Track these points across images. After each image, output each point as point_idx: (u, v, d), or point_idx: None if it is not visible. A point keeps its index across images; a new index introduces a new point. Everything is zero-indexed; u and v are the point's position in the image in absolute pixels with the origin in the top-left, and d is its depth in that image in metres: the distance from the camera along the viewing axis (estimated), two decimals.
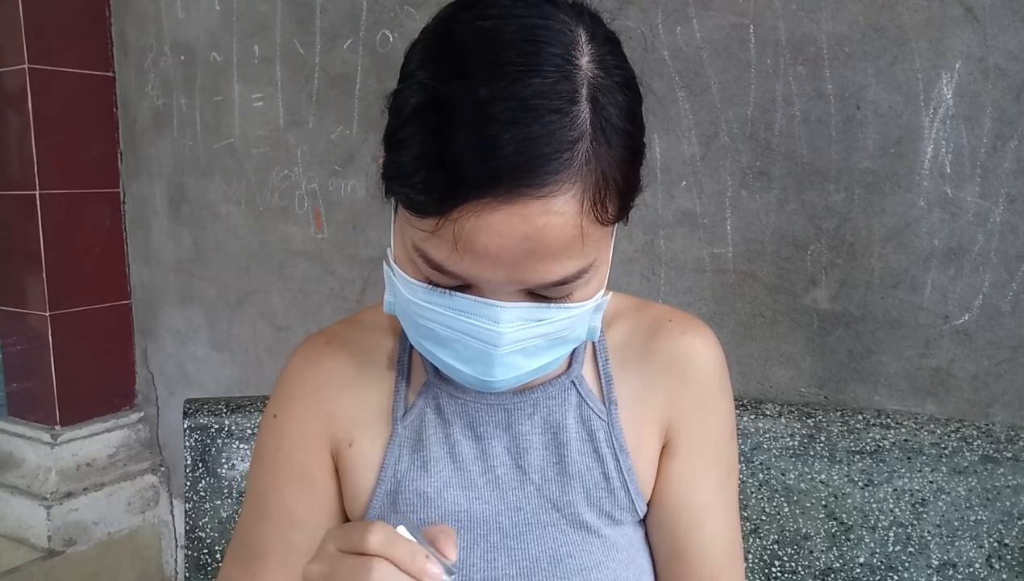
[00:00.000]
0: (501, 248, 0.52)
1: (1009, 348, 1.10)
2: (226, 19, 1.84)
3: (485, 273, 0.54)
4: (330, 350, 0.73)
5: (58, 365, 2.00)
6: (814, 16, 1.17)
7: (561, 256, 0.53)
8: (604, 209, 0.54)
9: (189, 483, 1.21)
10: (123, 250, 2.14)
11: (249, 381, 1.95)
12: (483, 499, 0.68)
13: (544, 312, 0.57)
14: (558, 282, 0.55)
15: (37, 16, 1.90)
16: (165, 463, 2.16)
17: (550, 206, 0.51)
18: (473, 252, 0.52)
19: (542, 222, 0.51)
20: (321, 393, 0.71)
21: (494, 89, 0.49)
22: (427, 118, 0.52)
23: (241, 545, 0.73)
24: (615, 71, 0.55)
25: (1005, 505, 1.00)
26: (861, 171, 1.17)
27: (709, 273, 1.31)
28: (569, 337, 0.61)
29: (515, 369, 0.59)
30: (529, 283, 0.55)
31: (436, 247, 0.54)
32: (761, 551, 1.09)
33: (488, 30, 0.52)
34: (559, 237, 0.52)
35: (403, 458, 0.69)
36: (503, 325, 0.56)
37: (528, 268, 0.53)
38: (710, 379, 0.71)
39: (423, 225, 0.53)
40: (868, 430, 1.07)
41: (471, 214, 0.51)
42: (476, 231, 0.51)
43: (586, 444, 0.69)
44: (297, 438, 0.71)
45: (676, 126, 1.30)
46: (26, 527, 1.98)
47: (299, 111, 1.76)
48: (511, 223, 0.51)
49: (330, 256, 1.76)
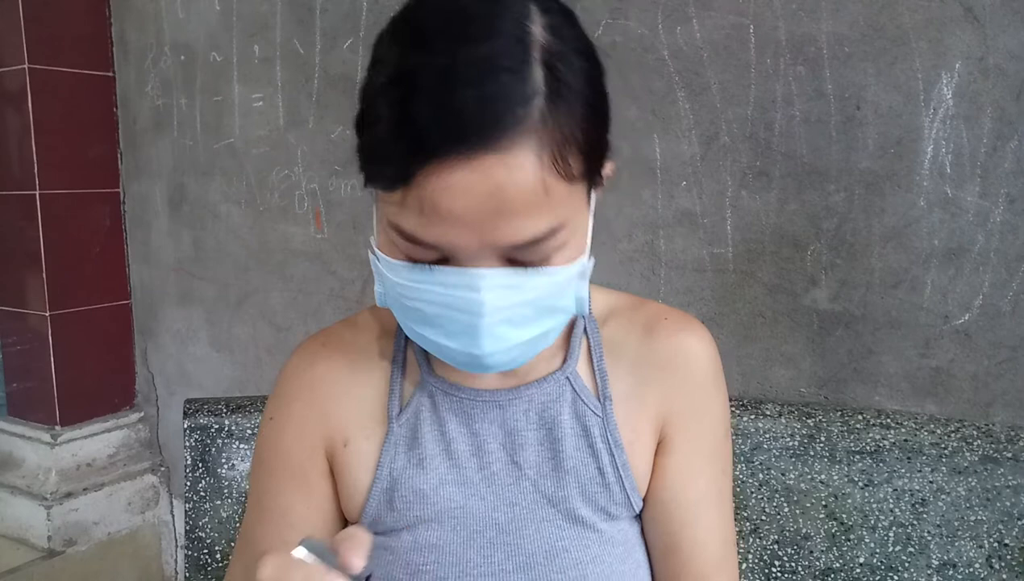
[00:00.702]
0: (466, 208, 0.53)
1: (1009, 348, 1.10)
2: (226, 19, 1.84)
3: (456, 237, 0.55)
4: (325, 351, 0.74)
5: (58, 365, 2.00)
6: (814, 16, 1.17)
7: (527, 212, 0.54)
8: (566, 164, 0.55)
9: (189, 483, 1.21)
10: (123, 250, 2.14)
11: (249, 381, 1.95)
12: (479, 495, 0.68)
13: (524, 278, 0.57)
14: (530, 241, 0.55)
15: (37, 16, 1.90)
16: (165, 463, 2.16)
17: (508, 161, 0.52)
18: (440, 215, 0.54)
19: (503, 177, 0.52)
20: (316, 394, 0.72)
21: (448, 56, 0.52)
22: (390, 92, 0.54)
23: (243, 545, 0.74)
24: (568, 39, 0.57)
25: (1005, 505, 1.00)
26: (861, 171, 1.17)
27: (709, 273, 1.31)
28: (556, 306, 0.61)
29: (504, 340, 0.59)
30: (500, 243, 0.55)
31: (406, 217, 0.55)
32: (761, 551, 1.09)
33: (446, 5, 0.55)
34: (521, 192, 0.53)
35: (399, 456, 0.69)
36: (484, 293, 0.56)
37: (496, 227, 0.54)
38: (705, 377, 0.72)
39: (393, 198, 0.56)
40: (868, 430, 1.07)
41: (433, 177, 0.52)
42: (440, 193, 0.53)
43: (581, 439, 0.69)
44: (293, 440, 0.72)
45: (676, 126, 1.30)
46: (26, 527, 1.98)
47: (299, 111, 1.76)
48: (473, 181, 0.52)
49: (330, 256, 1.76)
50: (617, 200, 1.37)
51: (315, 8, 1.69)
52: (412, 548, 0.68)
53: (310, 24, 1.71)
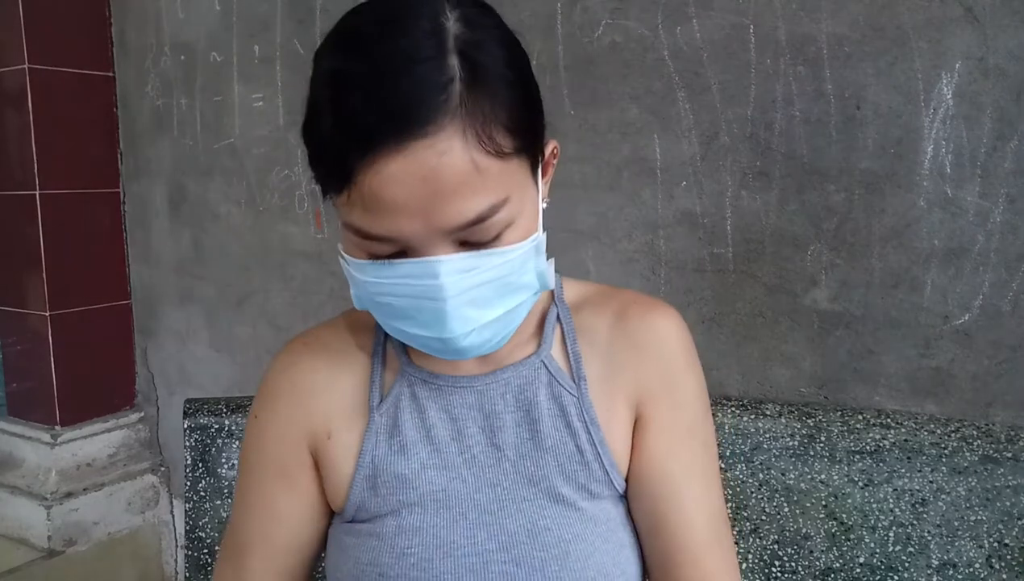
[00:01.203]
0: (405, 196, 0.57)
1: (1009, 348, 1.10)
2: (226, 19, 1.84)
3: (402, 225, 0.58)
4: (307, 351, 0.77)
5: (58, 365, 2.00)
6: (814, 16, 1.17)
7: (464, 192, 0.57)
8: (492, 141, 0.58)
9: (189, 483, 1.21)
10: (123, 250, 2.14)
11: (249, 381, 1.94)
12: (460, 478, 0.70)
13: (480, 259, 0.60)
14: (473, 220, 0.58)
15: (37, 16, 1.90)
16: (165, 463, 2.16)
17: (435, 144, 0.56)
18: (383, 207, 0.57)
19: (433, 161, 0.56)
20: (299, 392, 0.75)
21: (372, 55, 0.57)
22: (324, 96, 0.59)
23: (229, 541, 0.77)
24: (482, 28, 0.60)
25: (1005, 505, 1.00)
26: (861, 171, 1.17)
27: (709, 273, 1.31)
28: (516, 283, 0.64)
29: (470, 321, 0.62)
30: (446, 227, 0.58)
31: (355, 215, 0.59)
32: (761, 551, 1.09)
33: (370, 12, 0.60)
34: (453, 173, 0.56)
35: (380, 443, 0.71)
36: (443, 278, 0.59)
37: (439, 211, 0.57)
38: (675, 355, 0.74)
39: (341, 199, 0.59)
40: (868, 430, 1.07)
41: (370, 171, 0.56)
42: (379, 186, 0.56)
43: (558, 419, 0.71)
44: (276, 436, 0.75)
45: (676, 126, 1.30)
46: (26, 527, 1.98)
47: (299, 111, 1.74)
48: (405, 169, 0.56)
49: (330, 256, 1.76)
50: (617, 200, 1.37)
51: (315, 8, 1.69)
52: (397, 532, 0.69)
53: (310, 24, 1.71)
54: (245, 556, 0.74)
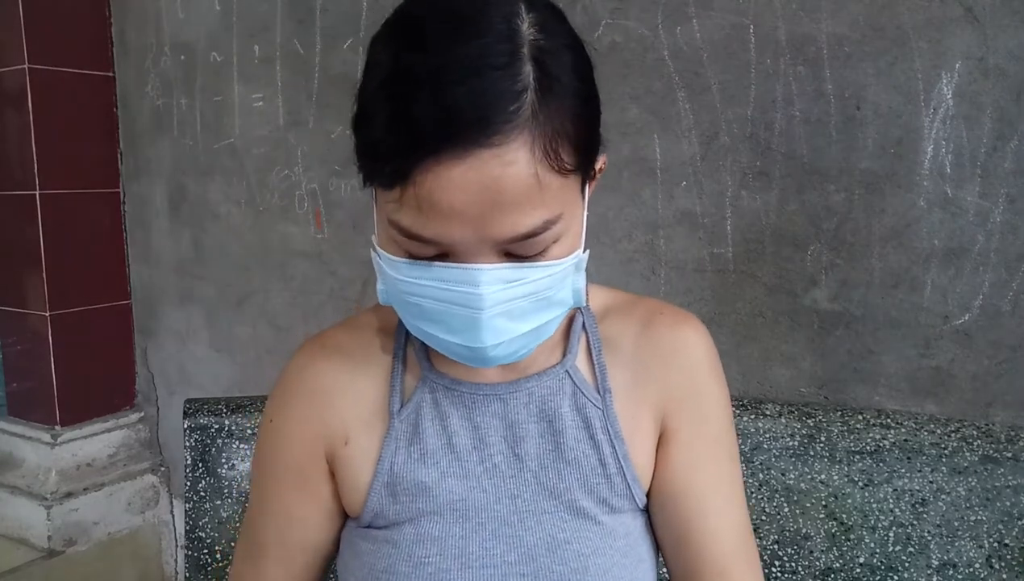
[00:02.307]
0: (463, 203, 0.54)
1: (1009, 348, 1.10)
2: (226, 19, 1.84)
3: (454, 232, 0.56)
4: (324, 353, 0.75)
5: (58, 365, 2.00)
6: (814, 16, 1.17)
7: (523, 206, 0.56)
8: (558, 157, 0.56)
9: (189, 483, 1.21)
10: (123, 250, 2.14)
11: (249, 381, 1.95)
12: (480, 487, 0.69)
13: (522, 271, 0.59)
14: (527, 234, 0.57)
15: (37, 16, 1.90)
16: (165, 463, 2.16)
17: (502, 155, 0.54)
18: (438, 211, 0.55)
19: (497, 172, 0.54)
20: (315, 396, 0.73)
21: (440, 55, 0.54)
22: (385, 92, 0.56)
23: (246, 543, 0.76)
24: (557, 35, 0.58)
25: (1005, 505, 1.00)
26: (861, 171, 1.17)
27: (709, 273, 1.31)
28: (553, 298, 0.62)
29: (503, 333, 0.60)
30: (498, 238, 0.56)
31: (405, 214, 0.57)
32: (761, 551, 1.09)
33: (437, 5, 0.57)
34: (516, 185, 0.55)
35: (400, 450, 0.70)
36: (483, 287, 0.58)
37: (494, 221, 0.55)
38: (701, 367, 0.73)
39: (391, 196, 0.57)
40: (868, 430, 1.07)
41: (430, 173, 0.54)
42: (437, 189, 0.54)
43: (582, 431, 0.70)
44: (293, 441, 0.73)
45: (676, 126, 1.30)
46: (26, 527, 1.98)
47: (299, 111, 1.76)
48: (468, 176, 0.54)
49: (330, 256, 1.76)
50: (617, 200, 1.37)
51: (315, 8, 1.69)
52: (414, 540, 0.68)
53: (310, 24, 1.71)
54: (262, 558, 0.74)
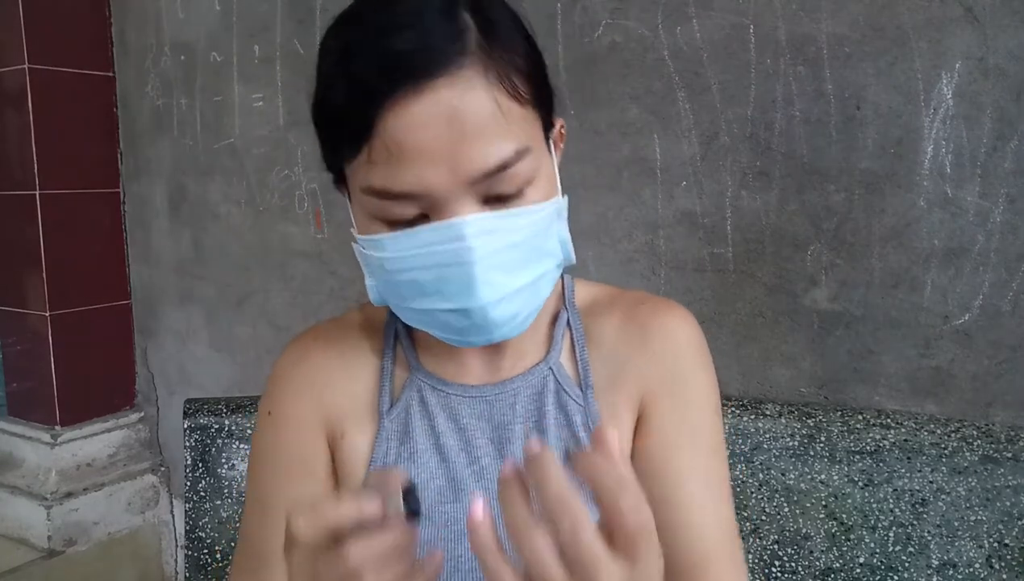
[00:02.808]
0: (430, 139, 0.55)
1: (1009, 348, 1.10)
2: (226, 19, 1.84)
3: (427, 174, 0.56)
4: (318, 345, 0.75)
5: (58, 365, 2.00)
6: (814, 16, 1.17)
7: (488, 134, 0.56)
8: (513, 84, 0.58)
9: (189, 483, 1.21)
10: (123, 250, 2.14)
11: (249, 381, 1.94)
12: (468, 489, 0.69)
13: (505, 220, 0.59)
14: (499, 165, 0.57)
15: (37, 16, 1.90)
16: (165, 463, 2.16)
17: (456, 83, 0.55)
18: (407, 154, 0.56)
19: (456, 101, 0.55)
20: (313, 386, 0.73)
21: (381, 13, 0.57)
22: (336, 65, 0.58)
23: (246, 550, 0.72)
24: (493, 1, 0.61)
25: (1005, 505, 1.00)
26: (861, 171, 1.17)
27: (709, 273, 1.31)
28: (542, 249, 0.62)
29: (499, 287, 0.60)
30: (472, 173, 0.56)
31: (376, 172, 0.57)
32: (761, 551, 1.09)
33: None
34: (478, 111, 0.56)
35: (391, 451, 0.70)
36: (470, 240, 0.57)
37: (463, 155, 0.56)
38: (682, 353, 0.71)
39: (360, 161, 0.58)
40: (868, 430, 1.07)
41: (391, 118, 0.55)
42: (401, 130, 0.55)
43: (564, 429, 0.69)
44: (294, 432, 0.72)
45: (676, 126, 1.30)
46: (26, 527, 1.98)
47: (299, 111, 1.76)
48: (429, 111, 0.55)
49: (330, 256, 1.76)
50: (617, 200, 1.37)
51: (315, 8, 1.69)
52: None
53: (310, 24, 1.71)
54: (265, 568, 0.70)
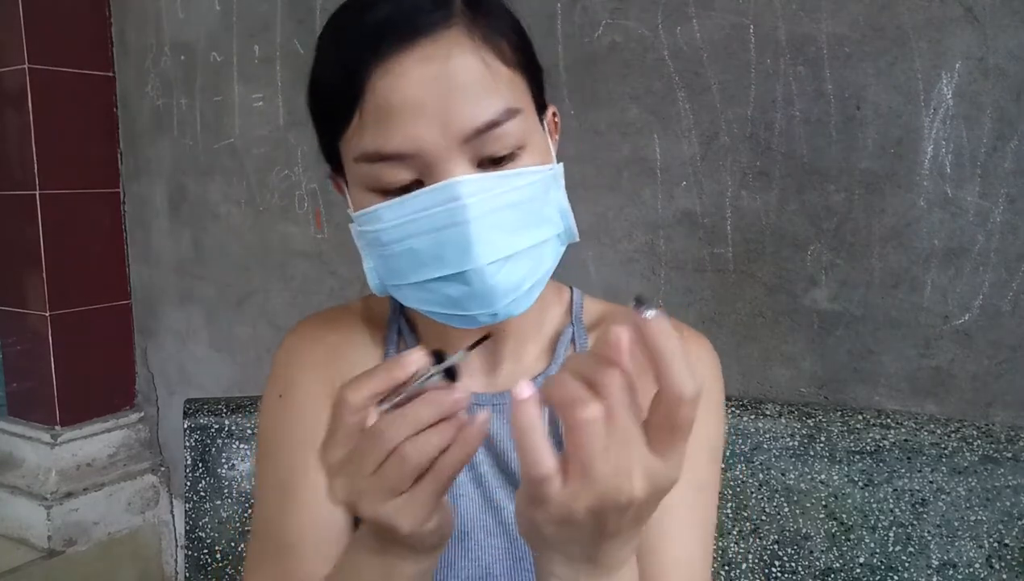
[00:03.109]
0: (419, 96, 0.56)
1: (1009, 348, 1.10)
2: (226, 19, 1.84)
3: (420, 133, 0.56)
4: (327, 327, 0.74)
5: (58, 365, 2.00)
6: (814, 16, 1.17)
7: (477, 92, 0.57)
8: (499, 47, 0.59)
9: (189, 483, 1.21)
10: (123, 250, 2.14)
11: (249, 381, 1.94)
12: (467, 496, 0.68)
13: (499, 180, 0.58)
14: (490, 122, 0.57)
15: (37, 16, 1.90)
16: (165, 463, 2.16)
17: (442, 42, 0.57)
18: (398, 112, 0.56)
19: (442, 59, 0.56)
20: (323, 366, 0.71)
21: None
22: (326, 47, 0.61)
23: (266, 539, 0.68)
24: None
25: (1005, 505, 1.00)
26: (861, 171, 1.17)
27: (709, 273, 1.31)
28: (540, 214, 0.62)
29: (497, 246, 0.59)
30: (464, 129, 0.56)
31: (368, 135, 0.58)
32: (761, 551, 1.09)
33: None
34: (465, 68, 0.57)
35: None
36: (465, 198, 0.57)
37: (454, 112, 0.56)
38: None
39: (352, 129, 0.58)
40: (868, 430, 1.07)
41: (380, 79, 0.56)
42: (392, 90, 0.56)
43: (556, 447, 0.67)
44: (310, 411, 0.70)
45: (676, 126, 1.30)
46: (26, 527, 1.98)
47: (299, 111, 1.75)
48: (416, 68, 0.56)
49: (330, 256, 1.76)
50: (617, 200, 1.37)
51: (315, 8, 1.69)
52: None
53: (310, 24, 1.71)
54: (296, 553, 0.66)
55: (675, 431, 0.43)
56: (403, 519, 0.47)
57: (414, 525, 0.47)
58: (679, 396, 0.42)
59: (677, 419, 0.43)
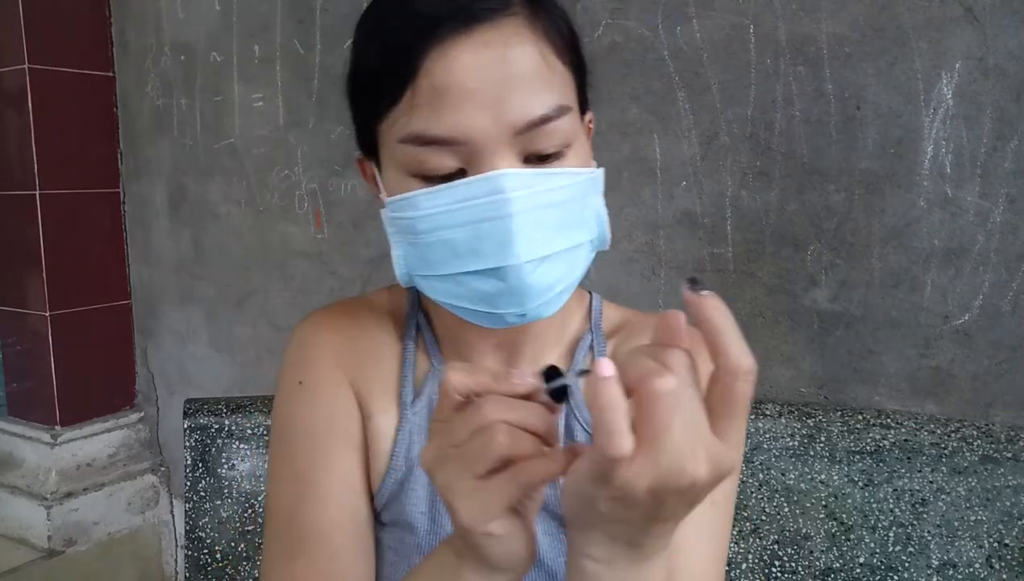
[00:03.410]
0: (476, 81, 0.54)
1: (1009, 348, 1.10)
2: (226, 19, 1.84)
3: (471, 119, 0.54)
4: (346, 318, 0.71)
5: (58, 365, 2.00)
6: (814, 16, 1.17)
7: (534, 84, 0.56)
8: (555, 40, 0.58)
9: (189, 483, 1.21)
10: (123, 250, 2.14)
11: (249, 381, 1.94)
12: None
13: (544, 178, 0.57)
14: (543, 117, 0.56)
15: (37, 16, 1.90)
16: (165, 463, 2.16)
17: (504, 29, 0.55)
18: (452, 98, 0.54)
19: (503, 44, 0.55)
20: (343, 353, 0.69)
21: None
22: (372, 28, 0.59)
23: (284, 533, 0.65)
24: None
25: (1005, 505, 1.00)
26: (861, 171, 1.17)
27: (709, 273, 1.31)
28: (579, 217, 0.61)
29: (536, 245, 0.57)
30: (517, 121, 0.55)
31: (418, 117, 0.56)
32: (761, 551, 1.09)
33: None
34: (524, 59, 0.55)
35: (414, 446, 0.67)
36: (509, 192, 0.55)
37: (508, 102, 0.55)
38: None
39: (400, 109, 0.57)
40: (868, 430, 1.07)
41: (438, 59, 0.54)
42: (447, 73, 0.54)
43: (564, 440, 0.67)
44: (331, 400, 0.68)
45: (676, 126, 1.30)
46: (26, 527, 1.98)
47: (299, 111, 1.76)
48: (476, 52, 0.54)
49: (330, 256, 1.76)
50: (617, 200, 1.37)
51: (315, 8, 1.69)
52: (415, 552, 0.66)
53: (310, 24, 1.71)
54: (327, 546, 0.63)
55: (734, 407, 0.42)
56: (466, 505, 0.45)
57: (474, 517, 0.45)
58: (736, 369, 0.42)
59: (735, 394, 0.42)
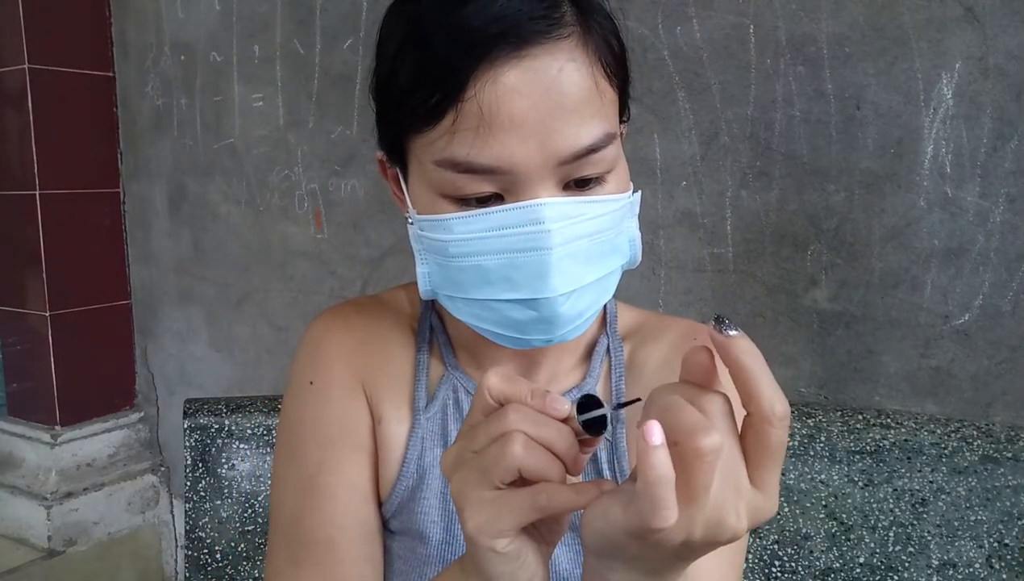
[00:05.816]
0: (524, 109, 0.51)
1: (1009, 348, 1.10)
2: (226, 19, 1.84)
3: (516, 149, 0.52)
4: (360, 317, 0.70)
5: (58, 365, 2.00)
6: (814, 16, 1.17)
7: (584, 112, 0.53)
8: (607, 60, 0.55)
9: (189, 483, 1.21)
10: (123, 250, 2.14)
11: (249, 381, 1.95)
12: None
13: (584, 206, 0.55)
14: (590, 147, 0.53)
15: (37, 16, 1.90)
16: (165, 463, 2.16)
17: (557, 54, 0.52)
18: (499, 123, 0.51)
19: (556, 69, 0.52)
20: (356, 353, 0.68)
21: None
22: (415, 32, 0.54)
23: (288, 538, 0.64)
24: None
25: (1005, 505, 1.00)
26: (861, 171, 1.17)
27: (709, 273, 1.31)
28: (614, 243, 0.59)
29: (572, 278, 0.55)
30: (563, 152, 0.53)
31: (460, 142, 0.52)
32: (761, 551, 1.09)
33: None
34: (576, 86, 0.52)
35: (426, 452, 0.66)
36: (549, 223, 0.53)
37: (556, 131, 0.52)
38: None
39: (440, 130, 0.53)
40: (868, 430, 1.07)
41: (487, 82, 0.51)
42: (496, 98, 0.51)
43: (588, 464, 0.65)
44: (343, 402, 0.66)
45: (676, 126, 1.30)
46: (26, 527, 1.98)
47: (299, 111, 1.76)
48: (527, 78, 0.51)
49: (330, 256, 1.76)
50: None
51: (315, 8, 1.69)
52: (426, 562, 0.65)
53: (310, 24, 1.71)
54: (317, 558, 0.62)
55: (770, 455, 0.40)
56: (475, 514, 0.43)
57: (480, 528, 0.43)
58: (771, 416, 0.40)
59: (771, 442, 0.40)
